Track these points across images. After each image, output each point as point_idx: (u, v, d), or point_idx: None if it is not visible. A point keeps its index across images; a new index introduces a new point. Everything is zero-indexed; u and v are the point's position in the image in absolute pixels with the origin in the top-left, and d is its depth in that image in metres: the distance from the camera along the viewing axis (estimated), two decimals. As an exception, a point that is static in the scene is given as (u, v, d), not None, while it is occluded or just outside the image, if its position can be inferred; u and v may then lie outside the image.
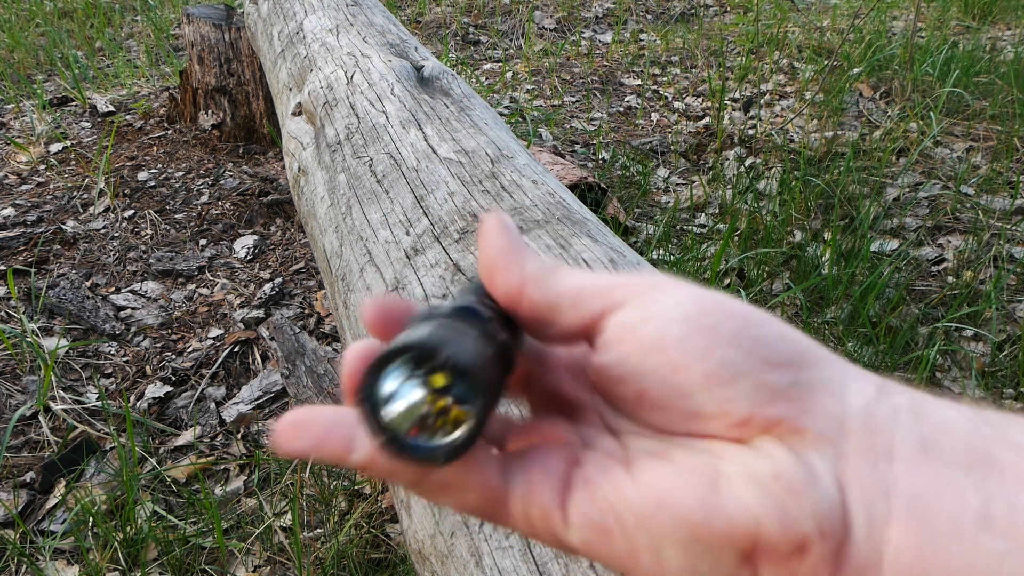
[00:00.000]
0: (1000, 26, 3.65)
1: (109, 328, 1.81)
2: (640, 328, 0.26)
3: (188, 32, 2.64)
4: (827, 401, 0.25)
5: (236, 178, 2.49)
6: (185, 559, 1.29)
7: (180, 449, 1.53)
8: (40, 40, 3.71)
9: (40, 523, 1.36)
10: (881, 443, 0.24)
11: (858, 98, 2.99)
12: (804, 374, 0.25)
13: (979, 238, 2.10)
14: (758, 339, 0.25)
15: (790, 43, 3.54)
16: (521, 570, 0.55)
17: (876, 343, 1.70)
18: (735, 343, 0.25)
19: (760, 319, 0.26)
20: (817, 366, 0.25)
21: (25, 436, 1.52)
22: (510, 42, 3.83)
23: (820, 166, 2.49)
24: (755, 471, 0.24)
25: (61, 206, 2.27)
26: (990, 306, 1.77)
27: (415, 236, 0.89)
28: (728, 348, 0.25)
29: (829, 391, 0.25)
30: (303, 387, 1.65)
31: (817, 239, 2.14)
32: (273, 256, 2.15)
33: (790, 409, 0.24)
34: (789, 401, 0.24)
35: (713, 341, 0.25)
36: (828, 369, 0.25)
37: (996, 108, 2.72)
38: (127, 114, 2.88)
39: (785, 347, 0.25)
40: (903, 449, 0.23)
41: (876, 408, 0.24)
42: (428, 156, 1.03)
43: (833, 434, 0.24)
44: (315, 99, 1.34)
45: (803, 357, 0.25)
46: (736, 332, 0.25)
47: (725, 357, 0.25)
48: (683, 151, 2.73)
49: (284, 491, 1.42)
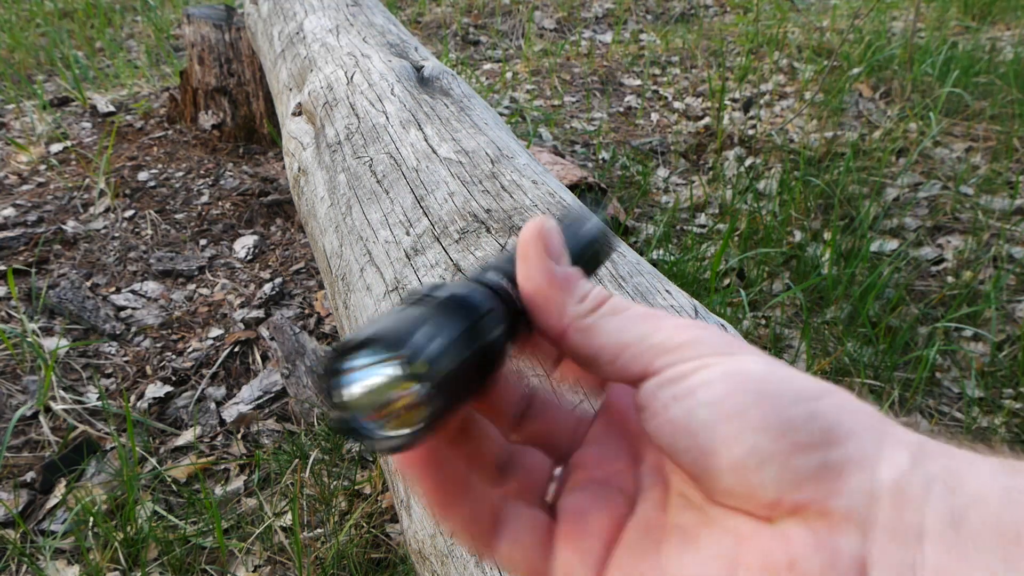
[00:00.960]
0: (1000, 26, 3.65)
1: (109, 328, 1.81)
2: (671, 407, 0.26)
3: (188, 32, 2.64)
4: (856, 479, 0.24)
5: (236, 178, 2.49)
6: (185, 559, 1.29)
7: (180, 449, 1.53)
8: (40, 40, 3.71)
9: (40, 523, 1.36)
10: (910, 520, 0.24)
11: (858, 98, 2.99)
12: (834, 452, 0.25)
13: (979, 238, 2.10)
14: (787, 422, 0.25)
15: (790, 43, 3.54)
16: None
17: (876, 343, 1.70)
18: (763, 428, 0.25)
19: (792, 396, 0.25)
20: (849, 440, 0.25)
21: (25, 436, 1.52)
22: (510, 42, 3.83)
23: (820, 166, 2.49)
24: (772, 561, 0.25)
25: (61, 206, 2.27)
26: (990, 306, 1.77)
27: (415, 236, 0.89)
28: (755, 435, 0.25)
29: (860, 467, 0.24)
30: (303, 387, 1.65)
31: (817, 239, 2.14)
32: (273, 256, 2.15)
33: (817, 491, 0.24)
34: (817, 483, 0.24)
35: (741, 427, 0.25)
36: (861, 442, 0.25)
37: (996, 108, 2.72)
38: (127, 114, 2.88)
39: (816, 426, 0.25)
40: (932, 525, 0.23)
41: (909, 480, 0.24)
42: (428, 156, 1.03)
43: (861, 514, 0.24)
44: (315, 99, 1.34)
45: (834, 433, 0.25)
46: (764, 417, 0.25)
47: (753, 444, 0.25)
48: (683, 151, 2.73)
49: (284, 491, 1.42)
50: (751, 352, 0.28)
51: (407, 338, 0.25)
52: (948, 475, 0.24)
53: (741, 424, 0.25)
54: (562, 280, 0.30)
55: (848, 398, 0.26)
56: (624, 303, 0.30)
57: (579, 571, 0.29)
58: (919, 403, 1.60)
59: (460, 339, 0.27)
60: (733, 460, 0.25)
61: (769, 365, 0.27)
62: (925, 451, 0.25)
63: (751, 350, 0.28)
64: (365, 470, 1.46)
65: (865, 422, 0.26)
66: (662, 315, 0.29)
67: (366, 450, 0.25)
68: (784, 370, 0.27)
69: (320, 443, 1.51)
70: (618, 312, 0.29)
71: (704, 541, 0.27)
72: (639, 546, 0.29)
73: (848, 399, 0.26)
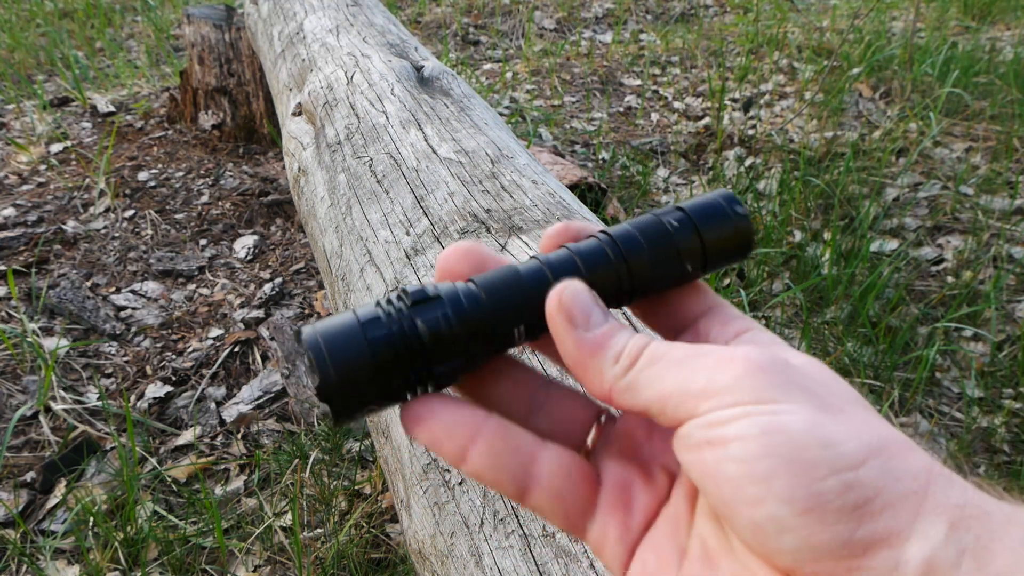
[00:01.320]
0: (1000, 26, 3.65)
1: (109, 328, 1.81)
2: (704, 450, 0.26)
3: (188, 32, 2.64)
4: (882, 557, 0.24)
5: (236, 178, 2.49)
6: (185, 559, 1.29)
7: (180, 449, 1.53)
8: (41, 40, 3.71)
9: (41, 523, 1.36)
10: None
11: (858, 98, 2.99)
12: (863, 528, 0.24)
13: (979, 238, 2.10)
14: (816, 495, 0.24)
15: (790, 43, 3.54)
16: (521, 570, 0.55)
17: (876, 343, 1.70)
18: (788, 500, 0.24)
19: (829, 465, 0.24)
20: (883, 514, 0.24)
21: (26, 436, 1.52)
22: (510, 42, 3.83)
23: (820, 166, 2.49)
24: None
25: (61, 206, 2.27)
26: (989, 306, 1.77)
27: (415, 236, 0.89)
28: (779, 504, 0.24)
29: (888, 544, 0.24)
30: (303, 387, 1.65)
31: (817, 239, 2.14)
32: (273, 256, 2.15)
33: (837, 568, 0.24)
34: (838, 560, 0.24)
35: (766, 493, 0.24)
36: (896, 515, 0.24)
37: (996, 108, 2.72)
38: (127, 114, 2.88)
39: (849, 499, 0.24)
40: None
41: (940, 555, 0.23)
42: (428, 156, 1.03)
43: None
44: (315, 99, 1.34)
45: (868, 508, 0.24)
46: (792, 489, 0.24)
47: (774, 513, 0.24)
48: (683, 151, 2.73)
49: (284, 491, 1.42)
50: (798, 396, 0.26)
51: (307, 340, 0.30)
52: (979, 548, 0.23)
53: (767, 490, 0.24)
54: (592, 347, 0.29)
55: (897, 457, 0.25)
56: (662, 349, 0.29)
57: (613, 543, 0.30)
58: (919, 403, 1.60)
59: (375, 344, 0.30)
60: (753, 522, 0.25)
61: (814, 421, 0.25)
62: (964, 516, 0.24)
63: (799, 390, 0.26)
64: (365, 470, 1.46)
65: (908, 488, 0.24)
66: (703, 352, 0.28)
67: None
68: (830, 427, 0.25)
69: (320, 443, 1.51)
70: (655, 362, 0.28)
71: (724, 571, 0.27)
72: (666, 545, 0.29)
73: (897, 459, 0.25)
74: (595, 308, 0.30)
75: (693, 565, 0.28)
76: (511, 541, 0.57)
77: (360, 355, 0.30)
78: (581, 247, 0.33)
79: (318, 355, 0.30)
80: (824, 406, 0.26)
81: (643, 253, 0.33)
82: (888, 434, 0.26)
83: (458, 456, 0.30)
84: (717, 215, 0.34)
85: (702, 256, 0.33)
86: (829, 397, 0.27)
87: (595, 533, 0.31)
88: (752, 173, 2.48)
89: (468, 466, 0.30)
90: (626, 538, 0.30)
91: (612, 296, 0.33)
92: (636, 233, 0.33)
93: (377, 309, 0.31)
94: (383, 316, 0.31)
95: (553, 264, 0.33)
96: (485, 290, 0.32)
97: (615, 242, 0.33)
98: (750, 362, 0.26)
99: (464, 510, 0.61)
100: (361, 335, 0.30)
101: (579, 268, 0.32)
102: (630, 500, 0.31)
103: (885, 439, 0.25)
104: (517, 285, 0.32)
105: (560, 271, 0.32)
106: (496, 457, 0.30)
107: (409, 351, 0.30)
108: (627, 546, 0.30)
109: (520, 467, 0.30)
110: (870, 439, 0.25)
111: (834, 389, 0.27)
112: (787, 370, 0.27)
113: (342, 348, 0.30)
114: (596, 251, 0.33)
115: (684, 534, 0.29)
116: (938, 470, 0.25)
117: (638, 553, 0.30)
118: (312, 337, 0.30)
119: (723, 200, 0.34)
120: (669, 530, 0.30)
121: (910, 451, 0.25)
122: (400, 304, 0.31)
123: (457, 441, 0.30)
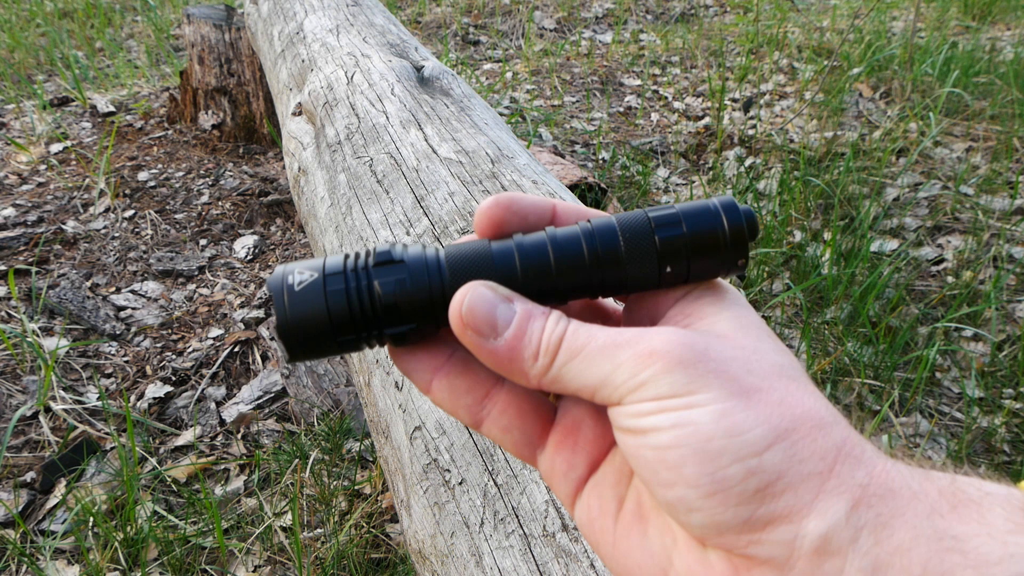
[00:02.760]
0: (1000, 26, 3.65)
1: (109, 328, 1.81)
2: (627, 437, 0.28)
3: (188, 32, 2.64)
4: (779, 532, 0.26)
5: (236, 178, 2.49)
6: (185, 559, 1.29)
7: (180, 449, 1.53)
8: (40, 40, 3.71)
9: (40, 523, 1.36)
10: (830, 567, 0.25)
11: (858, 98, 2.99)
12: (764, 507, 0.26)
13: (979, 238, 2.10)
14: (720, 482, 0.26)
15: (790, 43, 3.54)
16: (521, 570, 0.55)
17: (876, 343, 1.70)
18: (694, 485, 0.26)
19: (733, 453, 0.26)
20: (784, 495, 0.26)
21: (25, 436, 1.52)
22: (510, 42, 3.83)
23: (820, 166, 2.49)
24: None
25: (61, 206, 2.27)
26: (990, 306, 1.77)
27: (415, 236, 0.89)
28: (687, 488, 0.27)
29: (787, 520, 0.26)
30: (303, 387, 1.65)
31: (817, 239, 2.14)
32: (273, 256, 2.15)
33: (739, 541, 0.26)
34: (738, 535, 0.26)
35: (676, 478, 0.27)
36: (796, 495, 0.26)
37: (996, 108, 2.72)
38: (127, 114, 2.88)
39: (751, 484, 0.26)
40: (852, 572, 0.25)
41: (838, 531, 0.25)
42: (428, 156, 1.03)
43: (781, 560, 0.26)
44: (315, 99, 1.34)
45: (770, 490, 0.26)
46: (698, 476, 0.26)
47: (683, 495, 0.27)
48: (683, 151, 2.73)
49: (284, 491, 1.42)
50: (713, 384, 0.27)
51: (279, 302, 0.31)
52: (879, 525, 0.25)
53: (677, 475, 0.27)
54: (506, 355, 0.30)
55: (806, 439, 0.27)
56: (580, 339, 0.30)
57: (560, 477, 0.33)
58: (919, 403, 1.60)
59: (334, 296, 0.31)
60: (665, 501, 0.28)
61: (723, 410, 0.27)
62: (867, 495, 0.26)
63: (715, 377, 0.27)
64: (365, 470, 1.46)
65: (811, 469, 0.26)
66: (622, 342, 0.29)
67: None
68: (739, 416, 0.27)
69: (320, 443, 1.51)
70: (575, 355, 0.29)
71: (652, 530, 0.30)
72: (608, 494, 0.32)
73: (805, 440, 0.26)
74: (498, 307, 0.31)
75: (627, 517, 0.31)
76: (511, 541, 0.57)
77: (316, 305, 0.31)
78: (558, 234, 0.32)
79: (277, 298, 0.31)
80: (740, 390, 0.27)
81: (618, 248, 0.32)
82: (802, 413, 0.27)
83: (424, 388, 0.33)
84: (707, 220, 0.32)
85: (684, 261, 0.32)
86: (749, 377, 0.28)
87: (544, 465, 0.33)
88: (752, 173, 2.48)
89: (432, 396, 0.34)
90: (571, 474, 0.33)
91: (582, 288, 0.32)
92: (616, 226, 0.32)
93: (344, 262, 0.32)
94: (346, 271, 0.31)
95: (526, 247, 0.32)
96: (451, 264, 0.32)
97: (592, 233, 0.32)
98: (669, 357, 0.28)
99: (464, 510, 0.61)
100: (320, 286, 0.31)
101: (549, 256, 0.32)
102: (576, 440, 0.33)
103: (797, 419, 0.27)
104: (484, 263, 0.32)
105: (531, 255, 0.32)
106: (454, 391, 0.33)
107: (362, 310, 0.31)
108: (573, 483, 0.33)
109: (474, 402, 0.33)
110: (779, 422, 0.27)
111: (756, 366, 0.28)
112: (705, 359, 0.28)
113: (300, 295, 0.31)
114: (571, 240, 0.32)
115: (624, 485, 0.32)
116: (847, 449, 0.27)
117: (584, 495, 0.33)
118: (277, 280, 0.31)
119: (720, 206, 0.32)
120: (612, 479, 0.32)
121: (821, 431, 0.27)
122: (365, 262, 0.32)
123: (422, 375, 0.33)
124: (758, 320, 0.31)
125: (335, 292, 0.31)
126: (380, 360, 0.82)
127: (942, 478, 0.26)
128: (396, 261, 0.31)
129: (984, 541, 0.24)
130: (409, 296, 0.31)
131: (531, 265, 0.32)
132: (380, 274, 0.31)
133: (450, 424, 0.68)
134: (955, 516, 0.25)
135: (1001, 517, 0.24)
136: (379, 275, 0.31)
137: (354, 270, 0.31)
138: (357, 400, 1.61)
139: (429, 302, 0.31)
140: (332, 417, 1.56)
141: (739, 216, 0.32)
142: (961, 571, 0.23)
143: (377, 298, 0.31)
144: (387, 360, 0.81)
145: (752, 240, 0.32)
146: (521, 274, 0.32)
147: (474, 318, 0.30)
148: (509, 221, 0.33)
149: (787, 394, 0.28)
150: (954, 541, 0.24)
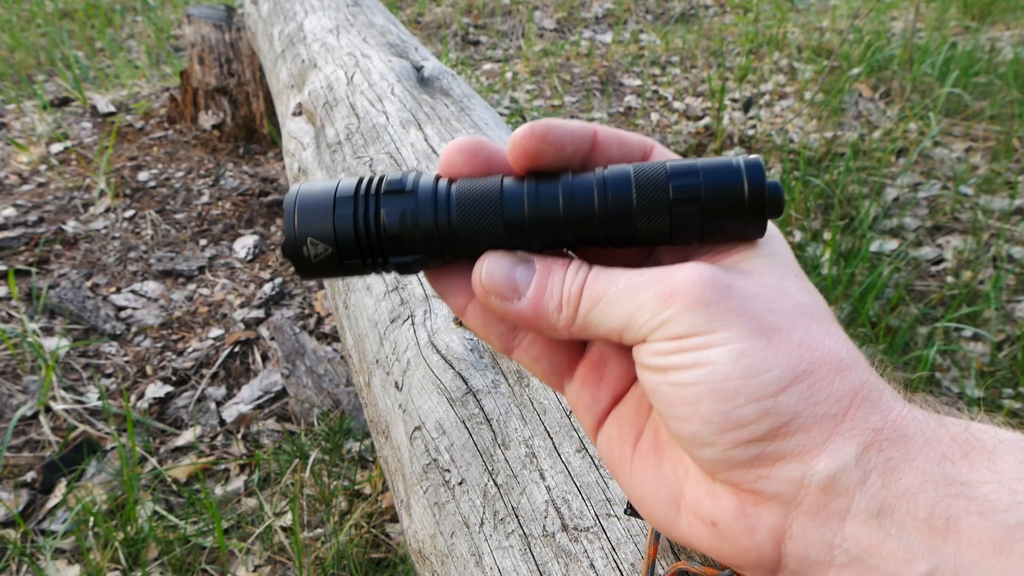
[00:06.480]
0: (1000, 26, 3.65)
1: (110, 328, 1.81)
2: (648, 373, 0.29)
3: (188, 32, 2.64)
4: (788, 469, 0.26)
5: (236, 178, 2.49)
6: (185, 559, 1.29)
7: (180, 449, 1.54)
8: (41, 40, 3.71)
9: (41, 523, 1.36)
10: (836, 506, 0.26)
11: (858, 98, 2.99)
12: (774, 445, 0.26)
13: (978, 238, 2.10)
14: (734, 420, 0.27)
15: (790, 43, 3.54)
16: (521, 570, 0.55)
17: (876, 343, 1.70)
18: (708, 422, 0.27)
19: (749, 393, 0.26)
20: (798, 434, 0.26)
21: (26, 436, 1.52)
22: (510, 42, 3.83)
23: (820, 166, 2.50)
24: (701, 514, 0.29)
25: (62, 206, 2.27)
26: (989, 306, 1.77)
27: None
28: (701, 424, 0.27)
29: (797, 459, 0.26)
30: (303, 387, 1.66)
31: (817, 239, 2.14)
32: (273, 256, 2.15)
33: (747, 476, 0.27)
34: (747, 470, 0.27)
35: (691, 414, 0.27)
36: (808, 435, 0.26)
37: (995, 108, 2.72)
38: (127, 114, 2.88)
39: (764, 424, 0.26)
40: (858, 512, 0.25)
41: (847, 472, 0.26)
42: (428, 156, 1.03)
43: (788, 496, 0.26)
44: (315, 99, 1.34)
45: (783, 429, 0.26)
46: (712, 413, 0.27)
47: (696, 431, 0.28)
48: (683, 151, 2.73)
49: (284, 491, 1.42)
50: (734, 322, 0.27)
51: (289, 221, 0.31)
52: (889, 468, 0.25)
53: (693, 411, 0.27)
54: (532, 313, 0.31)
55: (824, 380, 0.27)
56: (601, 285, 0.30)
57: (584, 409, 0.34)
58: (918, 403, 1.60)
59: (345, 219, 0.31)
60: (679, 435, 0.28)
61: (743, 350, 0.27)
62: (879, 439, 0.26)
63: (736, 315, 0.27)
64: (365, 470, 1.47)
65: (826, 411, 0.26)
66: (643, 283, 0.29)
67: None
68: (758, 355, 0.27)
69: (320, 443, 1.51)
70: (598, 299, 0.30)
71: (666, 462, 0.31)
72: (627, 425, 0.33)
73: (822, 383, 0.27)
74: (516, 270, 0.31)
75: (644, 449, 0.32)
76: (511, 541, 0.57)
77: (324, 228, 0.31)
78: (575, 182, 0.31)
79: (288, 216, 0.31)
80: (760, 329, 0.27)
81: (630, 200, 0.31)
82: (822, 355, 0.27)
83: (459, 311, 0.34)
84: (726, 175, 0.30)
85: (698, 216, 0.30)
86: (770, 316, 0.28)
87: (570, 395, 0.35)
88: (752, 173, 2.48)
89: (466, 320, 0.34)
90: (595, 407, 0.34)
91: (591, 240, 0.32)
92: (631, 177, 0.31)
93: (356, 187, 0.32)
94: (356, 196, 0.31)
95: (540, 194, 0.31)
96: (460, 201, 0.31)
97: (605, 183, 0.31)
98: (689, 296, 0.28)
99: (464, 510, 0.61)
100: (330, 209, 0.31)
101: (559, 208, 0.31)
102: (602, 375, 0.34)
103: (816, 361, 0.27)
104: (493, 206, 0.31)
105: (542, 204, 0.31)
106: (487, 318, 0.34)
107: (367, 236, 0.31)
108: (596, 415, 0.34)
109: (507, 330, 0.34)
110: (798, 363, 0.27)
111: (779, 305, 0.28)
112: (726, 296, 0.28)
113: (310, 215, 0.31)
114: (584, 190, 0.31)
115: (643, 418, 0.33)
116: (864, 393, 0.27)
117: (607, 424, 0.34)
118: (291, 198, 0.31)
119: (743, 164, 0.30)
120: (632, 412, 0.33)
121: (839, 373, 0.27)
122: (376, 188, 0.32)
123: (457, 300, 0.34)
124: (789, 259, 0.31)
125: (343, 216, 0.31)
126: (380, 360, 0.82)
127: (956, 424, 0.27)
128: (406, 191, 0.31)
129: (993, 488, 0.24)
130: (413, 228, 0.31)
131: (540, 213, 0.31)
132: (387, 203, 0.31)
133: (450, 424, 0.68)
134: (966, 463, 0.25)
135: (1012, 465, 0.25)
136: (386, 204, 0.31)
137: (364, 196, 0.31)
138: (357, 400, 1.61)
139: (434, 235, 0.31)
140: (332, 417, 1.56)
141: (761, 177, 0.31)
142: (967, 516, 0.24)
143: (382, 226, 0.31)
144: (387, 360, 0.81)
145: (773, 216, 0.31)
146: (529, 221, 0.31)
147: (494, 283, 0.31)
148: (544, 152, 0.31)
149: (808, 335, 0.28)
150: (963, 487, 0.24)
